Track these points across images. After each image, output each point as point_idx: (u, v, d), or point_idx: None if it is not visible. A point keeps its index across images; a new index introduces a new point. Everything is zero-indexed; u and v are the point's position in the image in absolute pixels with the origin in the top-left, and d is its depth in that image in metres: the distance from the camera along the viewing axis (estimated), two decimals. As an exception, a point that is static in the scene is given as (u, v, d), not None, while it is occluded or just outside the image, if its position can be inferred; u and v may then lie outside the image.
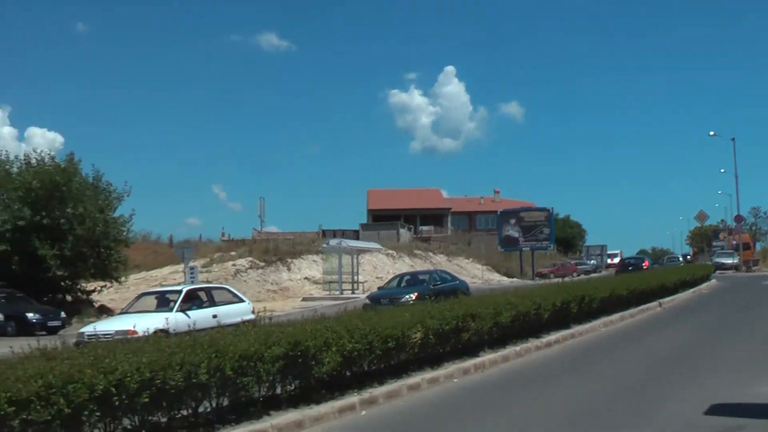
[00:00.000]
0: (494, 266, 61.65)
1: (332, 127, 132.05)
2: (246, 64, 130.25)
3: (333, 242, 41.96)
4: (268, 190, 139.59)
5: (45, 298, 29.63)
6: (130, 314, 18.41)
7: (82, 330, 17.70)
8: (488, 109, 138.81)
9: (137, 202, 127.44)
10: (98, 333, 15.61)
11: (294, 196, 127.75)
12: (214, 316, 17.83)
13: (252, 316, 17.71)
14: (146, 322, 16.37)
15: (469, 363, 12.88)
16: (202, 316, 17.42)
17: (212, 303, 19.39)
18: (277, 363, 8.89)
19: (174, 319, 16.80)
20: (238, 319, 15.95)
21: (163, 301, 18.99)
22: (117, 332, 15.20)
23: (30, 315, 25.34)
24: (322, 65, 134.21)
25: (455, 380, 11.99)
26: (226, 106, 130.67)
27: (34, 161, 31.15)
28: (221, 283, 30.14)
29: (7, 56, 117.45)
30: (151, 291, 22.44)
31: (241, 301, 20.34)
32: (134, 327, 15.72)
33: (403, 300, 22.70)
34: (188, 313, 17.57)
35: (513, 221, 61.50)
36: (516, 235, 60.73)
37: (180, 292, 18.89)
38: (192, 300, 18.75)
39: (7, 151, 32.27)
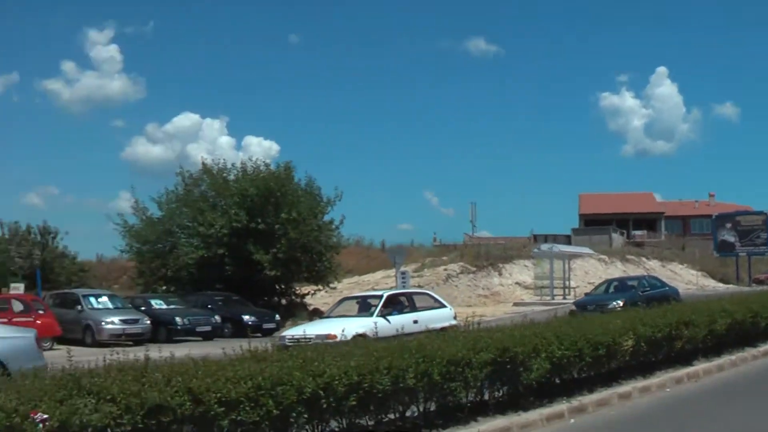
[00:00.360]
0: (709, 272, 59.01)
1: (543, 131, 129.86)
2: (454, 68, 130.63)
3: (544, 247, 41.36)
4: (479, 195, 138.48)
5: (260, 302, 31.03)
6: (332, 318, 18.81)
7: (283, 333, 18.27)
8: (702, 111, 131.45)
9: (350, 207, 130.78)
10: (307, 335, 16.10)
11: (505, 201, 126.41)
12: (415, 322, 17.73)
13: (454, 322, 17.67)
14: (351, 327, 16.60)
15: (682, 372, 12.48)
16: (403, 321, 17.37)
17: (413, 308, 19.37)
18: (485, 369, 8.80)
19: (375, 324, 16.99)
20: (439, 325, 15.95)
21: (365, 306, 19.21)
22: (317, 336, 15.59)
23: (246, 317, 26.59)
24: (532, 69, 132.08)
25: (667, 390, 11.60)
26: (434, 112, 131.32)
27: (250, 169, 32.69)
28: (431, 288, 30.27)
29: (225, 70, 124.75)
30: (352, 296, 22.90)
31: (443, 306, 20.18)
32: (342, 332, 15.82)
33: (610, 306, 22.11)
34: (389, 318, 17.52)
35: (729, 225, 58.65)
36: (732, 239, 57.80)
37: (381, 297, 18.94)
38: (393, 305, 18.77)
39: (224, 159, 34.22)
